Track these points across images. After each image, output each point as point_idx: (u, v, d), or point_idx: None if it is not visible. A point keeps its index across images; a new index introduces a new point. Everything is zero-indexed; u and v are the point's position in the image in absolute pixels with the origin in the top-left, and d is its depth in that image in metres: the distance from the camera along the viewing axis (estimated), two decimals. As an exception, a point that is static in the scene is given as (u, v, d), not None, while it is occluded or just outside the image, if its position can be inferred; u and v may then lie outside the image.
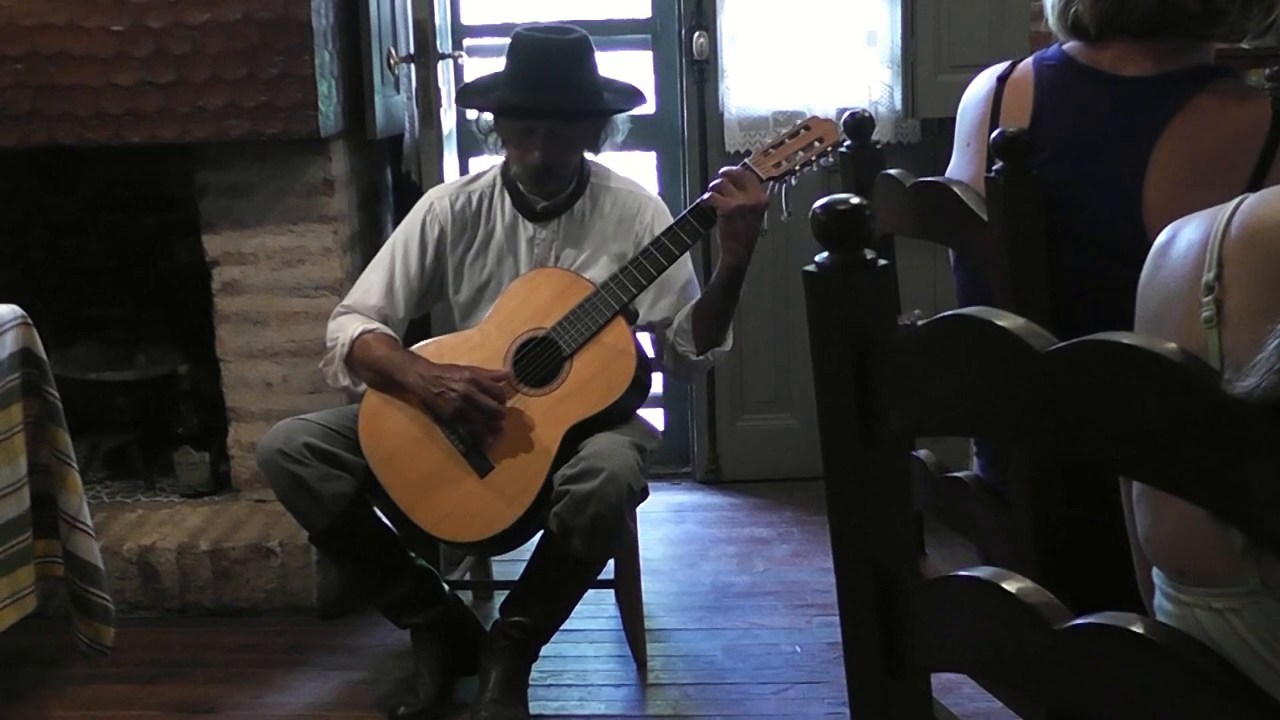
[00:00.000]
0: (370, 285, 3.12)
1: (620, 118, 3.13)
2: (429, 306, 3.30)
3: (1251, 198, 1.27)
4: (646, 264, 2.93)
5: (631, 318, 3.01)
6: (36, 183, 4.10)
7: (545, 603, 2.95)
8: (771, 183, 2.94)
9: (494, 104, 3.07)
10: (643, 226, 3.10)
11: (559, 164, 3.05)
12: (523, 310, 3.00)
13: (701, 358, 3.04)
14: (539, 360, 2.95)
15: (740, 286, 2.99)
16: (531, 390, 2.93)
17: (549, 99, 2.98)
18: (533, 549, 2.95)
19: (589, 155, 3.16)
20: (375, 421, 2.95)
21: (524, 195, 3.12)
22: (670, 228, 2.96)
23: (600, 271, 3.06)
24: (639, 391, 3.01)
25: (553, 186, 3.09)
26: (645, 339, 3.10)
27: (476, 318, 3.12)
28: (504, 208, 3.14)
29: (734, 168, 2.93)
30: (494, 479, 2.88)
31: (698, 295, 3.07)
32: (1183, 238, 1.31)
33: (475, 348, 3.00)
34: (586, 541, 2.77)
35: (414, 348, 3.06)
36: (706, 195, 2.92)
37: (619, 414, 2.95)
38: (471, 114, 3.27)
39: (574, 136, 3.04)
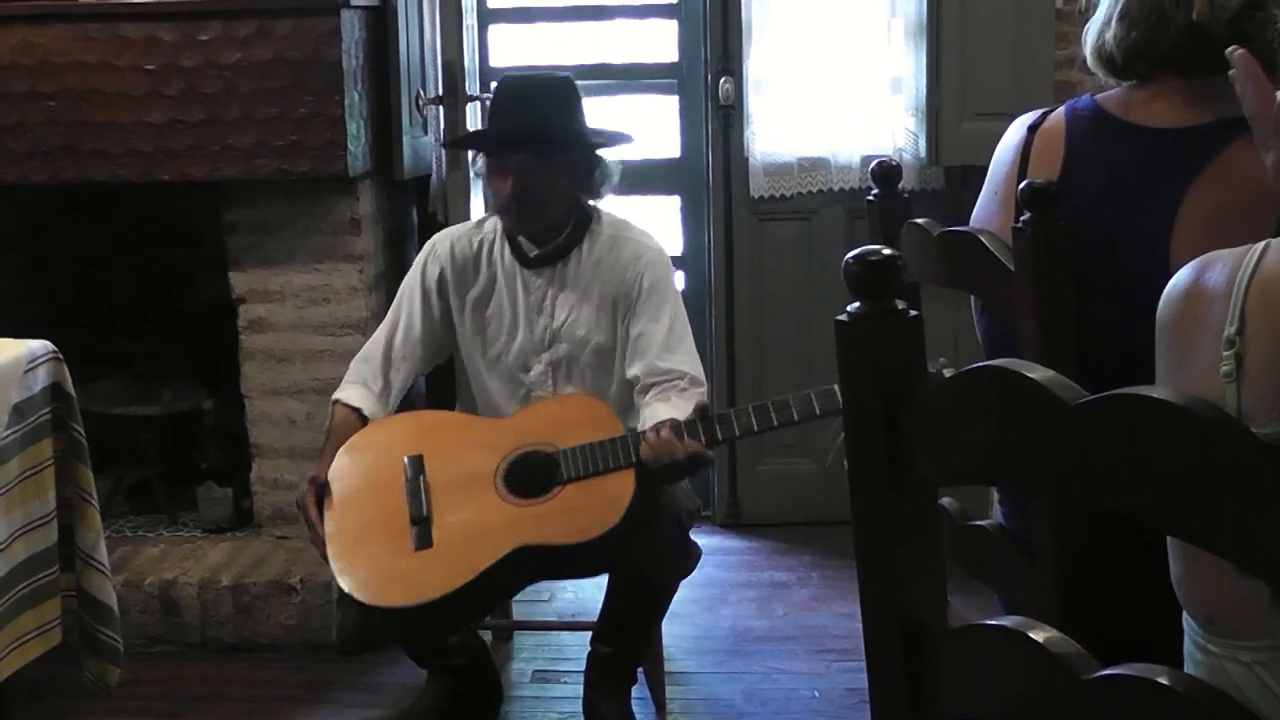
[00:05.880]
0: (377, 333, 3.15)
1: (612, 161, 3.06)
2: (443, 351, 3.21)
3: (1275, 243, 1.27)
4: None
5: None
6: (65, 217, 4.14)
7: (627, 631, 3.03)
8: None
9: (471, 139, 3.13)
10: (633, 275, 3.00)
11: (532, 197, 2.93)
12: (544, 422, 2.91)
13: None
14: (534, 474, 2.83)
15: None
16: (509, 496, 2.82)
17: (520, 130, 2.95)
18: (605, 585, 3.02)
19: (593, 202, 3.08)
20: (350, 458, 2.95)
21: (518, 243, 3.06)
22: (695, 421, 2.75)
23: (590, 319, 3.02)
24: (613, 536, 2.74)
25: (531, 225, 3.01)
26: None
27: (477, 359, 3.11)
28: (504, 255, 3.09)
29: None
30: (425, 557, 2.77)
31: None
32: (1208, 281, 1.31)
33: (479, 436, 2.94)
34: (657, 569, 2.89)
35: (412, 413, 3.12)
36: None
37: (580, 554, 2.77)
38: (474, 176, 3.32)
39: (549, 170, 2.94)
